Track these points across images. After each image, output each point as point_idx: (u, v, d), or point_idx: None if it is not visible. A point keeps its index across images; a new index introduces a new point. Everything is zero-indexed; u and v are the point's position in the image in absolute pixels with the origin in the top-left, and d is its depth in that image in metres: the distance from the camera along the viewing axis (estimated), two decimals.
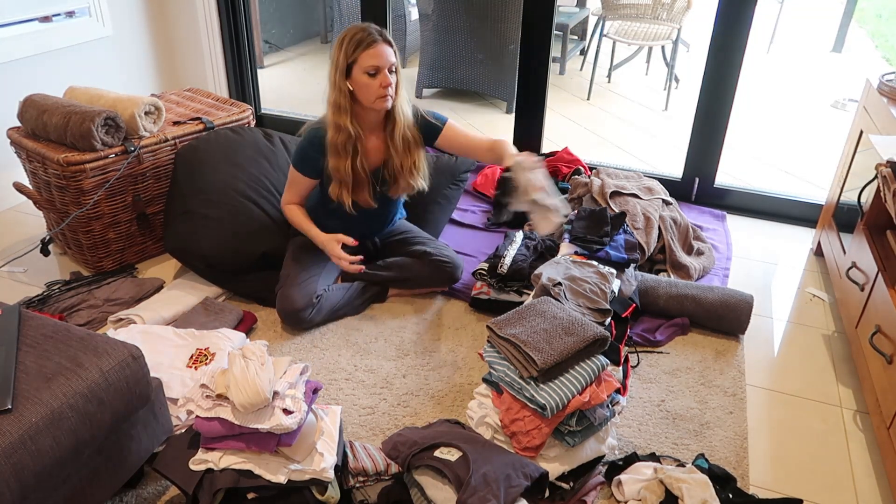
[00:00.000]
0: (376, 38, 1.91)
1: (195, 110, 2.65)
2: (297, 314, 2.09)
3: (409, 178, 2.12)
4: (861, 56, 5.93)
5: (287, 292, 2.11)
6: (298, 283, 2.12)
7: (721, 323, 2.15)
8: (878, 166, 1.85)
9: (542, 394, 1.49)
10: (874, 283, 1.87)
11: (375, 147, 2.09)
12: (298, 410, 1.40)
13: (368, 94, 1.95)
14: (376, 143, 2.09)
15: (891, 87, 2.14)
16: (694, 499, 1.51)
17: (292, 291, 2.10)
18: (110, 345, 1.37)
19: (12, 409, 1.20)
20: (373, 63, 1.91)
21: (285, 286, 2.13)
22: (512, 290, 2.20)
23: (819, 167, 3.63)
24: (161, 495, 1.57)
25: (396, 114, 2.03)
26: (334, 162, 2.02)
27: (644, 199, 2.55)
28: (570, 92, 4.79)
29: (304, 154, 2.08)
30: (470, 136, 2.17)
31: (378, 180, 2.12)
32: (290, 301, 2.09)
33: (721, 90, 2.77)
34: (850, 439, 1.80)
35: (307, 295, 2.10)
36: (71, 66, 3.02)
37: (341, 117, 1.97)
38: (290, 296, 2.10)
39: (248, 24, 3.50)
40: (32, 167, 2.36)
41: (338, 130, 1.98)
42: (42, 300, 2.21)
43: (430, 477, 1.43)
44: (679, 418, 1.83)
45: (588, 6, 5.48)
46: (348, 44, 1.91)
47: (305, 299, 2.09)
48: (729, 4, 2.62)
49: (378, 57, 1.91)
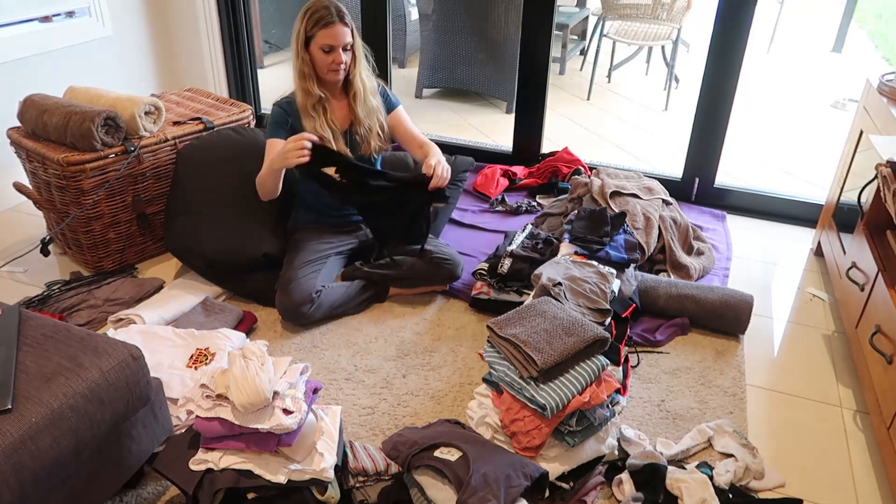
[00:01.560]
0: (334, 18, 2.07)
1: (195, 110, 2.65)
2: (297, 309, 2.10)
3: (376, 139, 2.28)
4: (861, 56, 5.93)
5: (286, 288, 2.12)
6: (298, 278, 2.13)
7: (721, 323, 2.15)
8: (878, 166, 1.85)
9: (542, 394, 1.49)
10: (874, 283, 1.87)
11: (341, 109, 2.25)
12: (298, 410, 1.40)
13: (322, 67, 2.14)
14: (341, 106, 2.25)
15: (891, 87, 2.14)
16: (693, 498, 1.51)
17: (292, 287, 2.11)
18: (110, 345, 1.37)
19: (12, 409, 1.19)
20: (328, 42, 2.09)
21: (284, 282, 2.15)
22: (512, 290, 2.20)
23: (819, 167, 3.62)
24: (161, 495, 1.57)
25: (355, 83, 2.21)
26: (310, 124, 2.17)
27: (644, 199, 2.55)
28: (570, 92, 4.79)
29: (277, 118, 2.20)
30: (409, 128, 2.35)
31: (347, 142, 2.26)
32: (289, 296, 2.10)
33: (721, 90, 2.77)
34: (850, 439, 1.80)
35: (307, 290, 2.11)
36: (71, 66, 3.02)
37: (307, 83, 2.15)
38: (289, 291, 2.11)
39: (248, 24, 3.51)
40: (32, 167, 2.36)
41: (306, 94, 2.16)
42: (42, 300, 2.21)
43: (430, 477, 1.43)
44: (679, 418, 1.83)
45: (588, 6, 5.48)
46: (308, 19, 2.09)
47: (305, 294, 2.10)
48: (729, 4, 2.62)
49: (334, 37, 2.09)
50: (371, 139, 2.26)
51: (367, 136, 2.26)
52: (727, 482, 1.58)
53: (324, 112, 2.18)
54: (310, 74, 2.14)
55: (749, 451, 1.69)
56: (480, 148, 3.40)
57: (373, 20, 3.18)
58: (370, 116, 2.25)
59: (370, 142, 2.26)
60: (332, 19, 2.07)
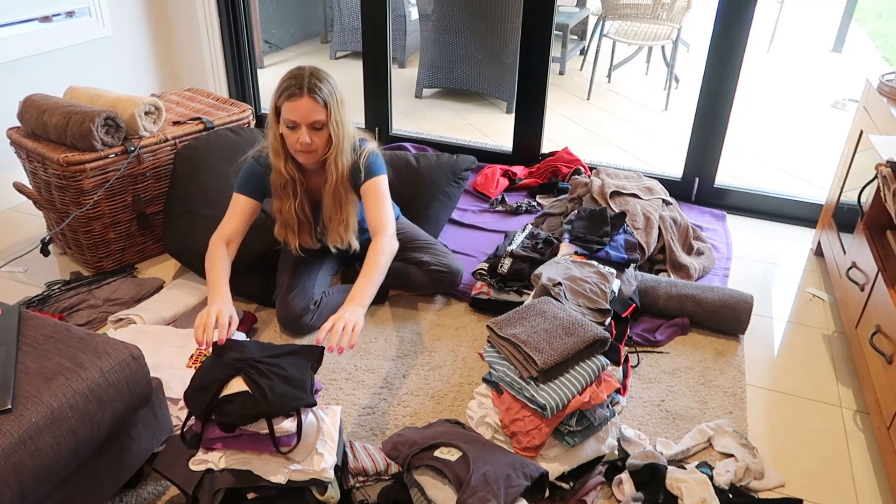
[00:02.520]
0: (301, 91, 1.76)
1: (195, 110, 2.65)
2: (298, 320, 2.07)
3: (340, 231, 2.02)
4: (861, 56, 5.93)
5: (285, 300, 2.08)
6: (296, 288, 2.09)
7: (721, 323, 2.15)
8: (878, 166, 1.85)
9: (542, 394, 1.49)
10: (874, 283, 1.87)
11: (317, 187, 2.00)
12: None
13: (290, 144, 1.85)
14: (318, 182, 1.99)
15: (891, 87, 2.14)
16: (693, 498, 1.51)
17: (290, 298, 2.07)
18: (110, 345, 1.37)
19: (12, 409, 1.20)
20: (290, 117, 1.79)
21: (283, 293, 2.10)
22: (512, 290, 2.20)
23: (819, 167, 3.63)
24: (161, 495, 1.57)
25: (328, 170, 1.91)
26: (278, 203, 1.97)
27: (644, 199, 2.55)
28: (570, 92, 4.79)
29: (249, 174, 1.95)
30: (374, 203, 1.93)
31: (316, 230, 2.07)
32: (289, 308, 2.06)
33: (721, 90, 2.77)
34: (850, 439, 1.80)
35: (306, 300, 2.08)
36: (71, 66, 3.02)
37: (278, 161, 1.89)
38: (288, 303, 2.07)
39: (248, 24, 3.51)
40: (32, 167, 2.36)
41: (277, 174, 1.91)
42: (42, 300, 2.21)
43: (430, 477, 1.43)
44: (679, 418, 1.83)
45: (588, 6, 5.48)
46: (278, 87, 1.80)
47: (304, 305, 2.07)
48: (729, 4, 2.62)
49: (296, 112, 1.77)
50: (337, 231, 2.02)
51: (329, 226, 2.03)
52: (727, 482, 1.59)
53: (293, 196, 1.94)
54: (279, 151, 1.88)
55: (749, 451, 1.69)
56: (480, 148, 3.40)
57: (373, 20, 3.18)
58: (336, 208, 1.98)
59: (337, 234, 2.02)
60: (298, 92, 1.75)
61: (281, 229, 2.04)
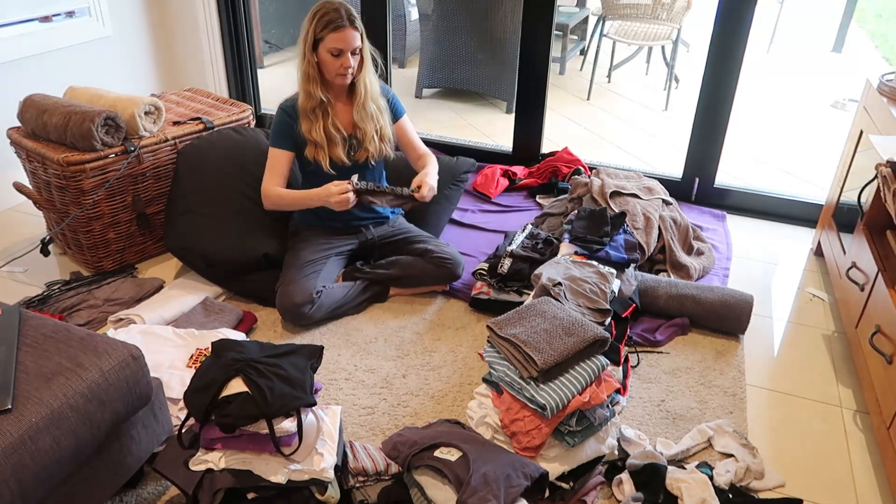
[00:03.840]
0: (345, 22, 2.04)
1: (195, 110, 2.65)
2: (298, 309, 2.10)
3: (375, 141, 2.23)
4: (861, 56, 5.93)
5: (287, 289, 2.12)
6: (298, 279, 2.13)
7: (721, 323, 2.15)
8: (878, 166, 1.85)
9: (542, 394, 1.49)
10: (874, 283, 1.87)
11: (345, 112, 2.22)
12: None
13: (329, 71, 2.11)
14: (345, 109, 2.22)
15: (891, 87, 2.14)
16: (693, 498, 1.51)
17: (292, 287, 2.11)
18: (110, 345, 1.37)
19: (12, 409, 1.19)
20: (337, 46, 2.05)
21: (285, 282, 2.15)
22: (512, 290, 2.20)
23: (819, 167, 3.62)
24: (161, 495, 1.57)
25: (359, 87, 2.17)
26: (307, 125, 2.15)
27: (644, 199, 2.55)
28: (570, 92, 4.79)
29: (279, 124, 2.18)
30: (412, 138, 2.36)
31: (349, 146, 2.23)
32: (289, 297, 2.10)
33: (721, 90, 2.77)
34: (850, 439, 1.80)
35: (307, 291, 2.11)
36: (71, 66, 3.02)
37: (311, 85, 2.12)
38: (289, 292, 2.11)
39: (248, 24, 3.50)
40: (32, 167, 2.36)
41: (308, 97, 2.13)
42: (42, 300, 2.21)
43: (430, 477, 1.43)
44: (679, 418, 1.83)
45: (588, 6, 5.48)
46: (318, 21, 2.04)
47: (305, 295, 2.10)
48: (729, 4, 2.62)
49: (343, 41, 2.05)
50: (367, 144, 2.21)
51: (362, 140, 2.21)
52: (727, 482, 1.58)
53: (324, 116, 2.15)
54: (314, 77, 2.11)
55: (749, 451, 1.69)
56: (480, 148, 3.40)
57: (373, 20, 3.18)
58: (365, 121, 2.19)
59: (367, 147, 2.22)
60: (343, 23, 2.04)
61: (311, 149, 2.18)
